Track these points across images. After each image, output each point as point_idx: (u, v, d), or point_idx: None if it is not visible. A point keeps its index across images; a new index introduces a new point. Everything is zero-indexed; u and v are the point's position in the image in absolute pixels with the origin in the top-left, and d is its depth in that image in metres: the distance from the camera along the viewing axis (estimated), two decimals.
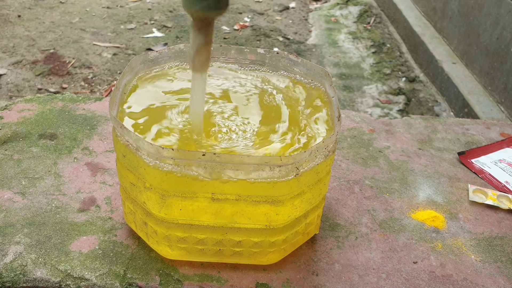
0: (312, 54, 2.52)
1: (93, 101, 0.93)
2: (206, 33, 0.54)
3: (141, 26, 2.73)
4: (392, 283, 0.61)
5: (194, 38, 0.55)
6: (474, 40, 2.00)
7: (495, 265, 0.65)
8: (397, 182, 0.79)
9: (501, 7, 1.79)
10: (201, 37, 0.54)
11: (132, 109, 0.60)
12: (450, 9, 2.24)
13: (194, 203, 0.54)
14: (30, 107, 0.89)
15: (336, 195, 0.75)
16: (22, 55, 2.30)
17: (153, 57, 0.68)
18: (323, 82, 0.67)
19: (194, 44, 0.55)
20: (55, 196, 0.70)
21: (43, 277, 0.58)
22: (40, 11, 2.83)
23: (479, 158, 0.86)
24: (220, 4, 0.52)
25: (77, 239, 0.63)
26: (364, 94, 2.14)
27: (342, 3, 3.22)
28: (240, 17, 2.92)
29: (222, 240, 0.58)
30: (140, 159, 0.52)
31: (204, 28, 0.54)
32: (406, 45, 2.56)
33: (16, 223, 0.65)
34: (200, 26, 0.54)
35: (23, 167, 0.75)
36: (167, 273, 0.59)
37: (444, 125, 0.95)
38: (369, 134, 0.90)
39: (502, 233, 0.71)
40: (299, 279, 0.61)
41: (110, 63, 2.30)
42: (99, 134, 0.83)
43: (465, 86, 1.94)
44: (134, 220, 0.61)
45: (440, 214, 0.73)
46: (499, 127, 0.97)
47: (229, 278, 0.60)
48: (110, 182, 0.73)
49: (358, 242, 0.67)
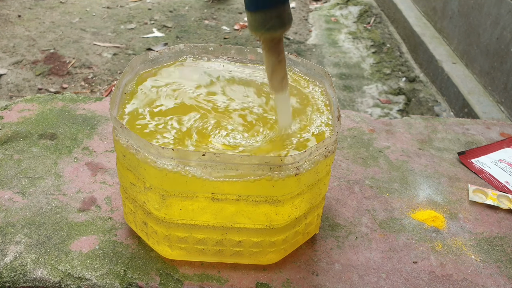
0: (312, 54, 2.52)
1: (93, 101, 0.93)
2: (278, 52, 0.54)
3: (141, 26, 2.73)
4: (392, 283, 0.61)
5: (267, 60, 0.55)
6: (474, 40, 2.00)
7: (495, 265, 0.65)
8: (397, 182, 0.79)
9: (501, 7, 1.79)
10: (273, 57, 0.54)
11: (133, 109, 0.60)
12: (450, 9, 2.24)
13: (194, 203, 0.54)
14: (30, 107, 0.89)
15: (336, 195, 0.75)
16: (22, 55, 2.30)
17: (153, 57, 0.68)
18: (323, 82, 0.67)
19: (268, 65, 0.55)
20: (55, 196, 0.70)
21: (43, 277, 0.58)
22: (40, 11, 2.83)
23: (479, 158, 0.86)
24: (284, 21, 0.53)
25: (77, 239, 0.63)
26: (364, 94, 2.14)
27: (342, 3, 3.22)
28: (240, 17, 2.92)
29: (222, 240, 0.58)
30: (140, 159, 0.53)
31: (274, 48, 0.54)
32: (406, 45, 2.56)
33: (16, 223, 0.65)
34: (270, 46, 0.54)
35: (23, 167, 0.75)
36: (167, 273, 0.60)
37: (444, 125, 0.95)
38: (369, 134, 0.90)
39: (502, 233, 0.71)
40: (299, 279, 0.61)
41: (110, 63, 2.30)
42: (99, 134, 0.84)
43: (465, 86, 1.94)
44: (134, 220, 0.61)
45: (440, 214, 0.73)
46: (499, 127, 0.97)
47: (229, 278, 0.60)
48: (110, 182, 0.73)
49: (358, 242, 0.67)
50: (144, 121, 0.59)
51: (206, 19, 2.88)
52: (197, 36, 2.66)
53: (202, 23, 2.82)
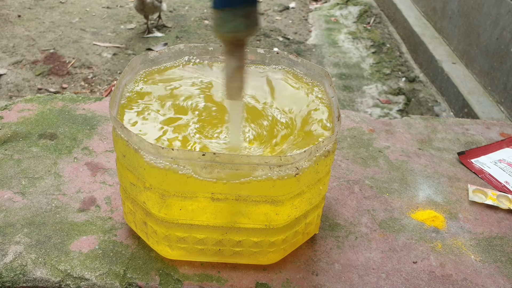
0: (312, 54, 2.52)
1: (93, 101, 0.93)
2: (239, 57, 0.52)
3: (141, 26, 2.73)
4: (392, 283, 0.61)
5: (227, 64, 0.52)
6: (474, 40, 2.00)
7: (495, 265, 0.65)
8: (397, 182, 0.79)
9: (501, 7, 1.80)
10: (233, 61, 0.52)
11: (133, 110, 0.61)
12: (450, 9, 2.24)
13: (194, 203, 0.54)
14: (30, 107, 0.89)
15: (336, 195, 0.75)
16: (22, 55, 2.30)
17: (153, 57, 0.68)
18: (323, 82, 0.67)
19: (227, 70, 0.52)
20: (55, 196, 0.70)
21: (43, 277, 0.58)
22: (40, 11, 2.83)
23: (479, 158, 0.86)
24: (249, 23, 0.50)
25: (77, 239, 0.63)
26: (364, 94, 2.14)
27: (342, 3, 3.22)
28: None
29: (222, 240, 0.58)
30: (140, 159, 0.53)
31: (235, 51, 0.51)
32: (406, 45, 2.56)
33: (16, 223, 0.65)
34: (230, 49, 0.51)
35: (23, 167, 0.75)
36: (167, 273, 0.60)
37: (444, 125, 0.95)
38: (369, 134, 0.90)
39: (502, 233, 0.71)
40: (299, 279, 0.61)
41: (110, 63, 2.30)
42: (99, 134, 0.84)
43: (465, 86, 1.94)
44: (134, 220, 0.62)
45: (440, 214, 0.73)
46: (498, 127, 0.97)
47: (229, 278, 0.60)
48: (110, 182, 0.73)
49: (358, 242, 0.67)
50: (144, 121, 0.59)
51: (206, 19, 2.88)
52: (197, 36, 2.66)
53: (202, 23, 2.82)
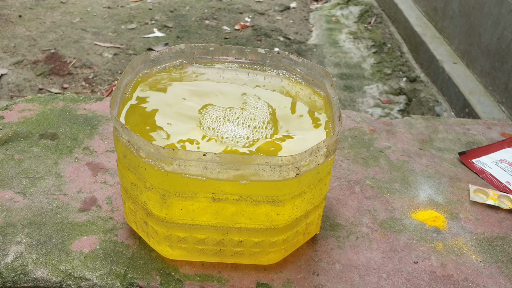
0: (313, 54, 2.52)
1: (94, 101, 0.93)
2: None
3: (142, 26, 2.73)
4: (392, 283, 0.61)
5: None
6: (475, 40, 2.00)
7: (496, 265, 0.65)
8: (398, 182, 0.79)
9: (502, 7, 1.79)
10: None
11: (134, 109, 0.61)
12: (451, 9, 2.24)
13: (195, 203, 0.54)
14: (31, 107, 0.89)
15: (336, 195, 0.75)
16: (23, 55, 2.30)
17: (154, 57, 0.68)
18: (324, 82, 0.67)
19: None
20: (56, 196, 0.70)
21: (44, 277, 0.58)
22: (41, 11, 2.83)
23: (480, 158, 0.86)
24: None
25: (78, 239, 0.63)
26: (365, 94, 2.14)
27: (343, 3, 3.22)
28: (240, 17, 2.92)
29: (222, 240, 0.58)
30: (140, 159, 0.53)
31: None
32: (407, 45, 2.55)
33: (17, 223, 0.65)
34: None
35: (24, 167, 0.75)
36: (167, 273, 0.60)
37: (445, 125, 0.95)
38: (370, 134, 0.90)
39: (503, 233, 0.71)
40: (299, 279, 0.61)
41: (111, 63, 2.30)
42: (100, 134, 0.84)
43: (466, 86, 1.94)
44: (135, 220, 0.61)
45: (441, 214, 0.73)
46: (500, 127, 0.96)
47: (230, 278, 0.60)
48: (111, 182, 0.73)
49: (358, 242, 0.67)
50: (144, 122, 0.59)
51: (206, 19, 2.88)
52: (198, 36, 2.66)
53: (202, 23, 2.82)
